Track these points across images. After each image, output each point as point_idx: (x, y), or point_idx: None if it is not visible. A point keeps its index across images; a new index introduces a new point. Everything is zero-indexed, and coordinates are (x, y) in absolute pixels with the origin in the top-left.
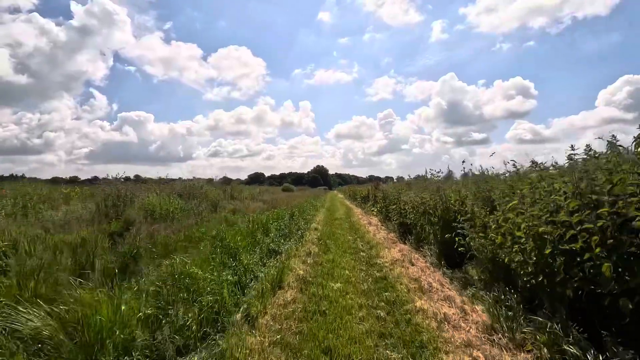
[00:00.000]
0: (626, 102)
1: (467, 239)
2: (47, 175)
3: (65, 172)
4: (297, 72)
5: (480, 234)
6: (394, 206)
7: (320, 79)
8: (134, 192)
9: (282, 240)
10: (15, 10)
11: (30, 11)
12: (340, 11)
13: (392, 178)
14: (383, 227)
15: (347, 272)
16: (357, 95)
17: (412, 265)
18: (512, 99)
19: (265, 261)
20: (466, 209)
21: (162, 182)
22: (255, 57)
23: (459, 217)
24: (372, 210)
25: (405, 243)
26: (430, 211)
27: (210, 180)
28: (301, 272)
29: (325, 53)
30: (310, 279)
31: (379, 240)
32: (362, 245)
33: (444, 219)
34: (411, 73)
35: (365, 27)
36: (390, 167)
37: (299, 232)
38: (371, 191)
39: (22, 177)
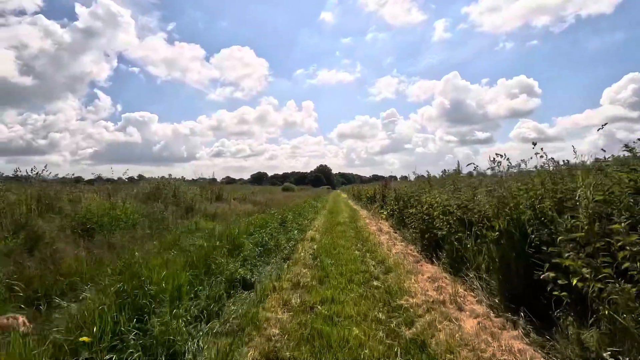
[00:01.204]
0: (631, 100)
1: (571, 275)
2: (51, 175)
3: (70, 173)
4: (300, 72)
5: (601, 267)
6: (413, 210)
7: (322, 79)
8: (74, 194)
9: (260, 262)
10: (21, 12)
11: (36, 13)
12: (342, 11)
13: (395, 177)
14: (397, 236)
15: (354, 330)
16: (359, 95)
17: (460, 310)
18: (515, 98)
19: (218, 307)
20: (575, 222)
21: (132, 181)
22: (257, 58)
23: (532, 230)
24: (381, 214)
25: (432, 262)
26: (483, 221)
27: (213, 180)
28: (275, 331)
29: (328, 53)
30: (288, 353)
31: (397, 258)
32: (374, 266)
33: (509, 233)
34: (414, 72)
35: (367, 27)
36: (393, 166)
37: (290, 244)
38: (378, 190)
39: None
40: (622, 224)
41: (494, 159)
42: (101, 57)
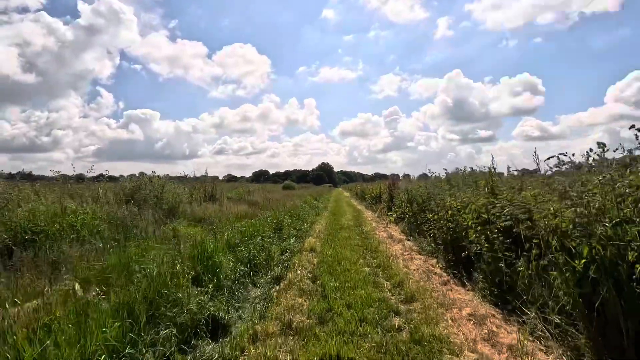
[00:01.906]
0: (636, 98)
1: None
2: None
3: (72, 170)
4: (302, 70)
5: None
6: (435, 216)
7: (325, 77)
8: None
9: (242, 288)
10: (24, 9)
11: (38, 10)
12: (344, 9)
13: (397, 175)
14: (413, 245)
15: None
16: (362, 92)
17: None
18: (519, 96)
19: None
20: None
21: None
22: (260, 55)
23: (636, 258)
24: (390, 216)
25: (464, 284)
26: (551, 237)
27: (215, 178)
28: None
29: (330, 50)
30: None
31: (419, 279)
32: (390, 290)
33: (611, 264)
34: (416, 70)
35: (370, 25)
36: (395, 164)
37: (285, 256)
38: (384, 190)
39: (30, 174)
40: None
41: (589, 150)
42: (103, 54)
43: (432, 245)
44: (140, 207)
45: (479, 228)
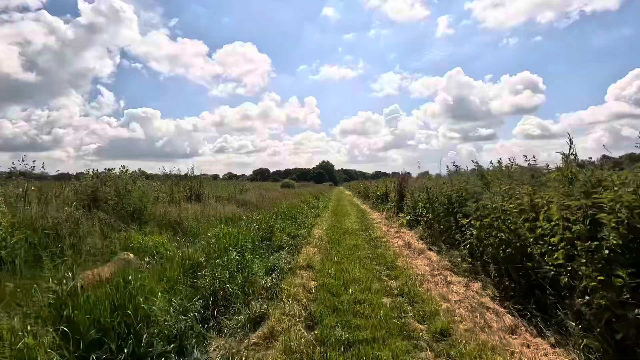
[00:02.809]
0: (636, 96)
1: None
2: (55, 171)
3: (73, 169)
4: (303, 68)
5: None
6: (471, 221)
7: (325, 75)
8: None
9: (193, 344)
10: (25, 8)
11: (39, 9)
12: (345, 7)
13: (398, 173)
14: (438, 257)
15: None
16: (362, 91)
17: None
18: (519, 94)
19: None
20: None
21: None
22: (260, 53)
23: None
24: (402, 219)
25: (540, 331)
26: None
27: (215, 177)
28: None
29: (331, 49)
30: None
31: (468, 320)
32: (431, 347)
33: None
34: (417, 69)
35: (370, 23)
36: (396, 162)
37: (271, 278)
38: (392, 188)
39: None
40: None
41: None
42: (104, 53)
43: (469, 260)
44: (89, 210)
45: (567, 247)
